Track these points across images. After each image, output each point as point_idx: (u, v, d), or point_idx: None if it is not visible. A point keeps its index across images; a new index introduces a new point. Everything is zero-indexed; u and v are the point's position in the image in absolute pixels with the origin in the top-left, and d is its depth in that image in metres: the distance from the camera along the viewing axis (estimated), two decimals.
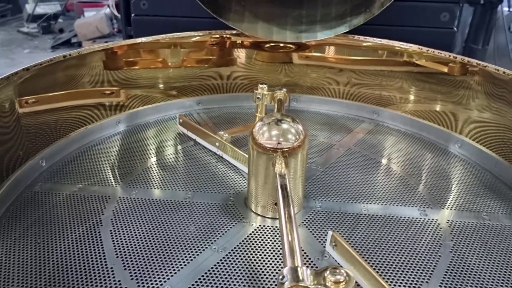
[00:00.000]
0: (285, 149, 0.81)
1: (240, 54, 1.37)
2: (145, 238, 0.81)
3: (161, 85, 1.32)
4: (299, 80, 1.38)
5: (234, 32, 1.30)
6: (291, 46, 1.33)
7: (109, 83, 1.20)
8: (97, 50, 1.14)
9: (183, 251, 0.78)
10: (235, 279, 0.72)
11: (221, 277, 0.72)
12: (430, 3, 1.31)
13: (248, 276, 0.73)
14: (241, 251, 0.78)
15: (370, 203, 0.93)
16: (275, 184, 0.77)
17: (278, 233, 0.83)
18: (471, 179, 1.03)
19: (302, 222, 0.86)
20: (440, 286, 0.72)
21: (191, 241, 0.80)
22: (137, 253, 0.77)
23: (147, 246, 0.79)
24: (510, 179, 1.01)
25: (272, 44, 1.33)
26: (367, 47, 1.25)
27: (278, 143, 0.81)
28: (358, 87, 1.33)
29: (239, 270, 0.74)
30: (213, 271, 0.74)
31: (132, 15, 1.41)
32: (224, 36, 1.32)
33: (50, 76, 1.04)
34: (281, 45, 1.32)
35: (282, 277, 0.52)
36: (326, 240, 0.79)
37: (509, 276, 0.75)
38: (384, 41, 1.23)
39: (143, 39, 1.20)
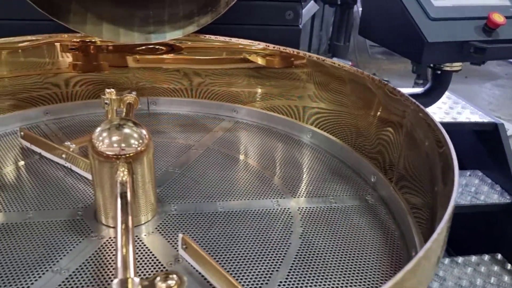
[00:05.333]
0: (128, 155, 0.77)
1: (90, 58, 1.29)
2: None
3: None
4: (155, 83, 1.34)
5: (78, 34, 1.22)
6: (163, 48, 1.29)
7: None
8: None
9: (19, 279, 0.70)
10: None
11: None
12: (275, 2, 1.36)
13: None
14: (87, 268, 0.73)
15: (226, 200, 0.93)
16: (115, 192, 0.73)
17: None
18: (320, 166, 1.10)
19: (156, 228, 0.83)
20: (289, 272, 0.75)
21: (29, 266, 0.72)
22: None
23: None
24: (353, 162, 1.10)
25: (143, 48, 1.27)
26: (218, 46, 1.26)
27: (122, 149, 0.77)
28: (216, 86, 1.34)
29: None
30: None
31: None
32: (69, 39, 1.23)
33: None
34: (157, 47, 1.27)
35: None
36: (178, 244, 0.77)
37: (350, 251, 0.81)
38: (234, 40, 1.25)
39: None
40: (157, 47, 1.28)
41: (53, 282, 0.70)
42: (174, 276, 0.50)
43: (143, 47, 1.29)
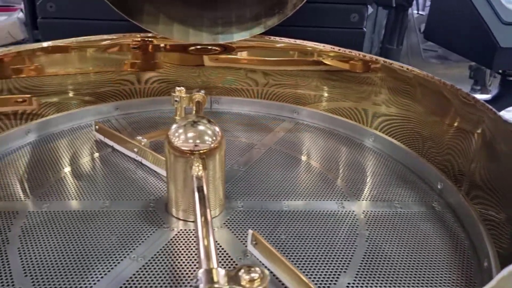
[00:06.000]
0: (202, 151, 0.80)
1: (159, 57, 1.34)
2: (58, 253, 0.76)
3: (75, 92, 1.25)
4: (219, 82, 1.38)
5: (150, 34, 1.27)
6: (216, 48, 1.33)
7: (18, 91, 1.12)
8: None
9: (100, 262, 0.74)
10: (156, 286, 0.70)
11: (141, 286, 0.70)
12: (340, 4, 1.36)
13: (169, 283, 0.71)
14: (161, 257, 0.76)
15: (291, 200, 0.95)
16: (191, 187, 0.76)
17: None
18: (384, 171, 1.09)
19: (224, 223, 0.86)
20: (357, 274, 0.75)
21: (108, 252, 0.77)
22: (49, 269, 0.72)
23: (61, 261, 0.74)
24: (418, 168, 1.08)
25: (198, 47, 1.31)
26: (283, 48, 1.28)
27: (195, 145, 0.80)
28: (278, 87, 1.36)
29: (160, 277, 0.72)
30: (132, 281, 0.71)
31: (39, 18, 1.33)
32: (140, 39, 1.28)
33: None
34: (199, 47, 1.31)
35: (196, 280, 0.51)
36: (247, 239, 0.79)
37: (418, 257, 0.80)
38: (299, 41, 1.26)
39: (50, 43, 1.14)
40: (212, 48, 1.32)
41: (131, 269, 0.73)
42: (257, 269, 0.52)
43: (209, 47, 1.33)
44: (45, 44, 1.14)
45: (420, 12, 5.06)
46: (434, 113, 1.04)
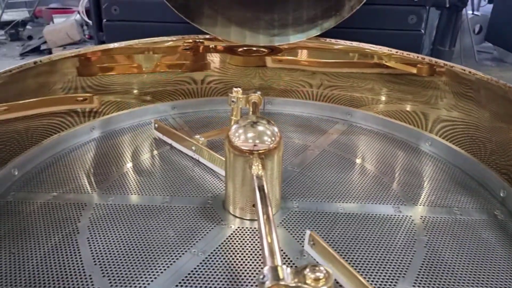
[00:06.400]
0: (261, 151, 0.81)
1: (214, 58, 1.37)
2: (123, 244, 0.80)
3: (135, 91, 1.31)
4: (272, 83, 1.39)
5: (207, 36, 1.31)
6: (264, 49, 1.35)
7: (83, 90, 1.19)
8: (68, 56, 1.12)
9: (162, 256, 0.78)
10: (216, 281, 0.72)
11: (202, 280, 0.72)
12: (398, 6, 1.34)
13: (228, 278, 0.73)
14: (220, 253, 0.79)
15: (346, 202, 0.94)
16: (252, 186, 0.78)
17: (257, 234, 0.84)
18: (442, 176, 1.07)
19: (280, 223, 0.87)
20: (416, 280, 0.74)
21: (170, 246, 0.80)
22: (116, 259, 0.76)
23: (126, 252, 0.78)
24: (478, 175, 1.05)
25: (245, 48, 1.34)
26: (338, 49, 1.28)
27: (254, 145, 0.82)
28: (331, 89, 1.36)
29: (219, 272, 0.74)
30: (193, 274, 0.74)
31: (104, 20, 1.40)
32: (197, 40, 1.32)
33: (21, 83, 1.02)
34: (254, 49, 1.33)
35: (262, 276, 0.53)
36: (304, 239, 0.80)
37: (480, 266, 0.77)
38: (355, 44, 1.25)
39: (116, 44, 1.19)
40: (259, 49, 1.33)
41: (192, 263, 0.76)
42: (322, 269, 0.53)
43: (254, 48, 1.34)
44: (116, 44, 1.20)
45: (475, 13, 4.88)
46: (498, 117, 1.01)
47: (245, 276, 0.74)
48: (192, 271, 0.74)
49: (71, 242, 0.80)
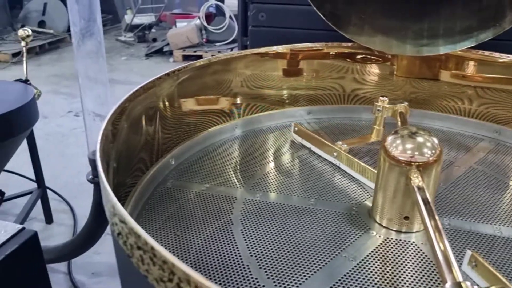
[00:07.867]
0: (419, 163, 0.80)
1: (355, 66, 1.37)
2: (275, 240, 0.83)
3: (274, 94, 1.36)
4: (417, 95, 1.35)
5: (349, 44, 1.31)
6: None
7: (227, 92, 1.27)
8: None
9: (314, 256, 0.79)
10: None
11: (356, 285, 0.73)
12: None
13: (384, 286, 0.72)
14: (372, 261, 0.78)
15: (505, 225, 0.88)
16: (413, 197, 0.76)
17: (405, 247, 0.82)
18: None
19: None
20: None
21: (321, 247, 0.81)
22: (270, 254, 0.80)
23: (278, 248, 0.81)
24: None
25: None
26: (503, 63, 1.19)
27: (412, 157, 0.80)
28: (478, 104, 1.28)
29: (374, 280, 0.74)
30: (347, 278, 0.74)
31: (250, 26, 1.47)
32: (341, 48, 1.33)
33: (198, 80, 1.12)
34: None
35: None
36: (462, 259, 0.76)
37: None
38: None
39: (263, 50, 1.25)
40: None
41: (344, 267, 0.77)
42: None
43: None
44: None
45: None
46: None
47: (402, 286, 0.72)
48: (345, 275, 0.75)
49: (227, 232, 0.85)
